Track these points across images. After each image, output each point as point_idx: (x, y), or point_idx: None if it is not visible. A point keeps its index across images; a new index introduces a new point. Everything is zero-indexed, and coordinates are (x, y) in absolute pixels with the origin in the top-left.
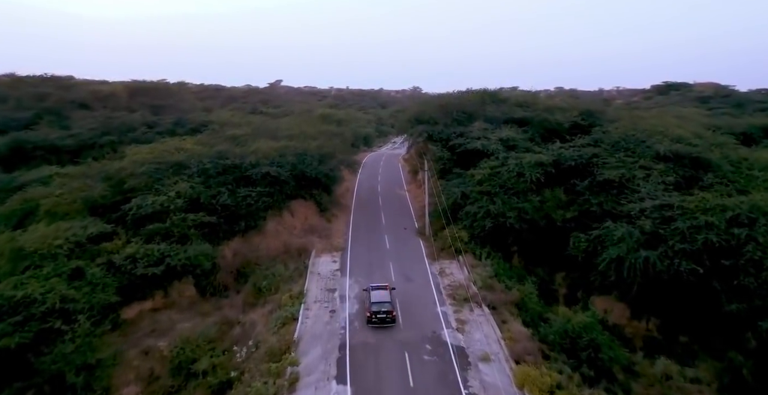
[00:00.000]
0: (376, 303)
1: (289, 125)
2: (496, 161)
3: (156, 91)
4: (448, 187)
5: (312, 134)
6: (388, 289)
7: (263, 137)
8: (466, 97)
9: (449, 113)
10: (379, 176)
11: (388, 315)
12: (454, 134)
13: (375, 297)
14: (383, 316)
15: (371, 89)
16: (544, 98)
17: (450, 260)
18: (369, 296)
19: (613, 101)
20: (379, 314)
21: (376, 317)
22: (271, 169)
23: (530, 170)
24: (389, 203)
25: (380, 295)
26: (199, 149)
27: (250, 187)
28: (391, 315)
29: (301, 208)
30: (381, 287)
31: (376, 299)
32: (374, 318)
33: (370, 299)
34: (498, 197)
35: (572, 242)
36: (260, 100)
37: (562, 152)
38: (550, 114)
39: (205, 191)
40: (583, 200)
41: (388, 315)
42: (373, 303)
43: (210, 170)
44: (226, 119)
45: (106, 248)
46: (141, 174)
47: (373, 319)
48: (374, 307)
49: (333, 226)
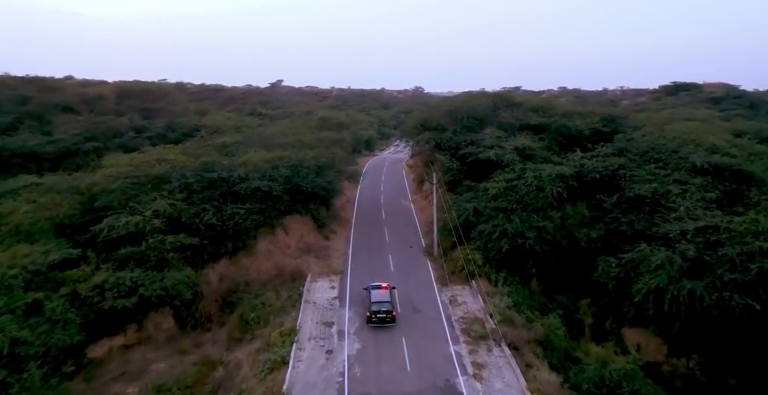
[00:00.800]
0: (376, 303)
1: (284, 132)
2: (511, 174)
3: (147, 93)
4: (459, 202)
5: (309, 141)
6: (388, 288)
7: (255, 146)
8: (477, 101)
9: (458, 119)
10: (382, 184)
11: (388, 314)
12: (465, 142)
13: (375, 296)
14: (383, 316)
15: (373, 89)
16: (561, 102)
17: (462, 285)
18: (369, 295)
19: (619, 101)
20: (379, 313)
21: (376, 316)
22: (262, 183)
23: (550, 183)
24: (393, 216)
25: (380, 295)
26: (183, 160)
27: (239, 203)
28: (390, 314)
29: (296, 224)
30: (381, 287)
31: (376, 299)
32: (374, 318)
33: (371, 298)
34: (515, 215)
35: (601, 268)
36: (259, 101)
37: (584, 163)
38: (569, 120)
39: (187, 208)
40: (610, 218)
41: (388, 314)
42: (373, 303)
43: (194, 185)
44: (219, 122)
45: (72, 277)
46: (115, 190)
47: (373, 318)
48: (374, 307)
49: (331, 244)
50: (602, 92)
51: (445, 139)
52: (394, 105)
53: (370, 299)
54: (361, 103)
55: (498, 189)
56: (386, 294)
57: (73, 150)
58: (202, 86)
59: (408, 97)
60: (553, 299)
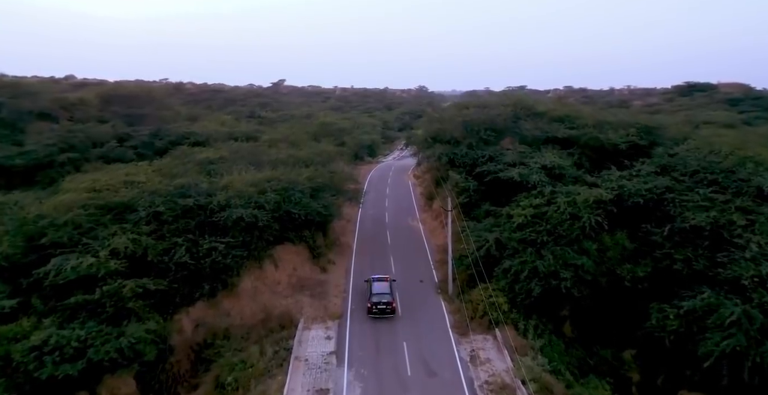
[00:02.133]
0: (376, 295)
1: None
2: (540, 198)
3: (133, 97)
4: (478, 230)
5: (304, 156)
6: (388, 281)
7: (243, 163)
8: (495, 111)
9: (474, 130)
10: (387, 199)
11: (388, 306)
12: (482, 158)
13: (376, 288)
14: (383, 307)
15: (376, 88)
16: (587, 111)
17: (484, 334)
18: (371, 287)
19: (629, 102)
20: (379, 305)
21: (376, 307)
22: (246, 212)
23: (587, 211)
24: (400, 240)
25: (381, 287)
26: (155, 182)
27: (218, 236)
28: (390, 306)
29: (288, 255)
30: (382, 279)
31: (377, 290)
32: (374, 309)
33: (371, 291)
34: (547, 250)
35: (654, 318)
36: (259, 103)
37: (623, 184)
38: (600, 131)
39: (154, 244)
40: (661, 254)
41: (388, 306)
42: (374, 294)
43: (165, 214)
44: (211, 129)
45: (6, 334)
46: (66, 224)
47: (374, 309)
48: (375, 298)
49: (329, 277)
50: (609, 92)
51: (459, 154)
52: (397, 106)
53: (371, 291)
54: (364, 103)
55: (524, 217)
56: (386, 286)
57: (46, 162)
58: (203, 86)
59: (412, 97)
60: (592, 351)
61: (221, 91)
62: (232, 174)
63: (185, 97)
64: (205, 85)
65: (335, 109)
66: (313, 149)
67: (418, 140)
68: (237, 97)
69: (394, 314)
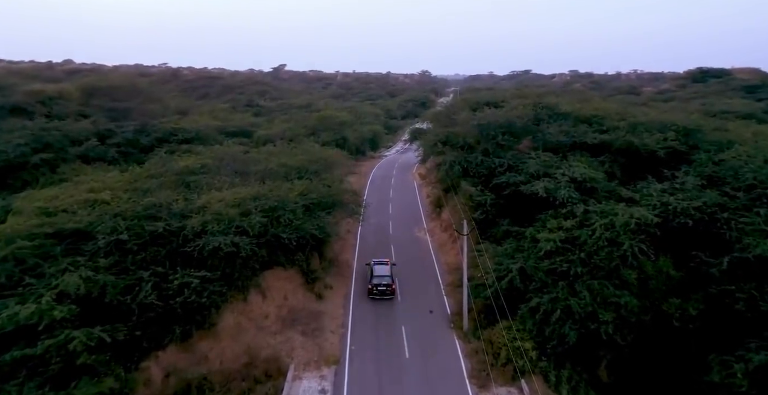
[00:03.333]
0: (377, 277)
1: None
2: (571, 219)
3: (118, 90)
4: (498, 256)
5: (298, 164)
6: (389, 264)
7: (227, 172)
8: (514, 112)
9: (489, 135)
10: (391, 204)
11: (388, 287)
12: (500, 168)
13: (377, 271)
14: (383, 289)
15: (378, 73)
16: (613, 108)
17: (508, 386)
18: (372, 270)
19: (640, 88)
20: (379, 286)
21: (377, 289)
22: (225, 240)
23: (628, 236)
24: (406, 257)
25: (382, 270)
26: (123, 199)
27: (192, 269)
28: (390, 287)
29: (278, 282)
30: (383, 263)
31: (377, 273)
32: (375, 290)
33: (372, 273)
34: (581, 284)
35: (717, 373)
36: (258, 91)
37: (668, 202)
38: (635, 135)
39: (114, 281)
40: (718, 290)
41: (388, 287)
42: (375, 276)
43: (129, 243)
44: (201, 124)
45: None
46: (6, 259)
47: (374, 291)
48: (375, 280)
49: (325, 307)
50: (615, 76)
51: (473, 162)
52: (400, 93)
53: (372, 273)
54: (366, 90)
55: (553, 243)
56: (387, 269)
57: (17, 164)
58: (201, 73)
59: (415, 82)
60: None
61: (219, 78)
62: (213, 191)
63: (182, 84)
64: (205, 70)
65: (336, 97)
66: (309, 156)
67: (427, 144)
68: (235, 84)
69: (393, 295)
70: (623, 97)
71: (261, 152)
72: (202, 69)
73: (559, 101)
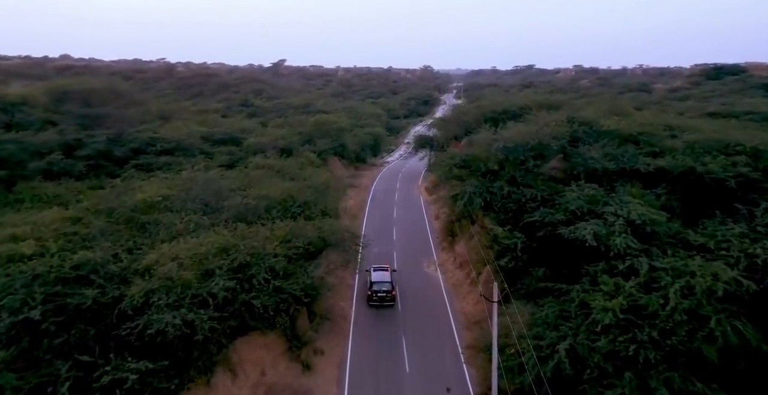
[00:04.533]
0: (377, 283)
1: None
2: (633, 281)
3: (92, 94)
4: (537, 325)
5: (282, 195)
6: (389, 270)
7: (194, 208)
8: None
9: (517, 160)
10: (394, 228)
11: (388, 294)
12: (532, 202)
13: (375, 277)
14: (383, 295)
15: (379, 68)
16: (663, 119)
17: None
18: (370, 276)
19: (651, 85)
20: (379, 293)
21: (376, 295)
22: (174, 320)
23: (714, 309)
24: (413, 301)
25: (381, 276)
26: (47, 253)
27: (131, 357)
28: (390, 294)
29: (254, 352)
30: (382, 269)
31: (376, 279)
32: (374, 297)
33: (371, 279)
34: (657, 378)
35: None
36: (254, 89)
37: (753, 251)
38: (695, 159)
39: (15, 382)
40: None
41: (388, 294)
42: (374, 283)
43: (44, 323)
44: (182, 132)
45: None
46: None
47: (374, 297)
48: (375, 287)
49: (314, 382)
50: (621, 71)
51: (499, 193)
52: (402, 89)
53: (371, 280)
54: (367, 87)
55: (612, 315)
56: (387, 275)
57: None
58: (197, 69)
59: (417, 78)
60: None
61: (215, 75)
62: (170, 240)
63: (176, 81)
64: (204, 65)
65: (336, 95)
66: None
67: (442, 170)
68: (231, 82)
69: (393, 302)
70: (635, 96)
71: (240, 176)
72: (201, 64)
73: (595, 113)
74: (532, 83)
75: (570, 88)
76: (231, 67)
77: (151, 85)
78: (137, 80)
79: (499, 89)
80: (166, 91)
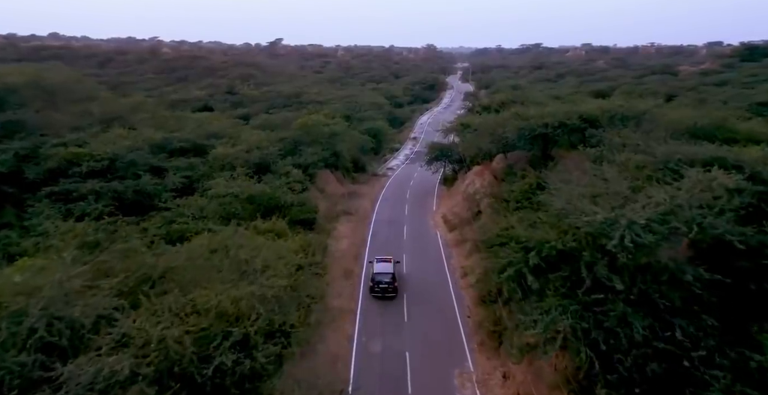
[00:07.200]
0: (378, 274)
1: (176, 254)
2: None
3: (16, 90)
4: None
5: (232, 301)
6: (391, 262)
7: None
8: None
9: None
10: (405, 296)
11: (390, 285)
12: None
13: (378, 268)
14: (385, 286)
15: (380, 47)
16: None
17: None
18: (373, 267)
19: (675, 67)
20: (381, 284)
21: (378, 287)
22: None
23: None
24: None
25: (383, 267)
26: None
27: None
28: (393, 285)
29: None
30: (385, 260)
31: (378, 270)
32: (377, 288)
33: (373, 270)
34: None
35: None
36: (242, 74)
37: None
38: None
39: None
40: None
41: (390, 285)
42: (376, 274)
43: None
44: (124, 144)
45: None
46: None
47: (376, 289)
48: (377, 277)
49: None
50: (633, 50)
51: (622, 335)
52: (405, 72)
53: (373, 271)
54: (368, 70)
55: None
56: (389, 267)
57: None
58: (187, 50)
59: (419, 58)
60: None
61: (202, 58)
62: None
63: (160, 64)
64: (199, 43)
65: (333, 81)
66: (246, 288)
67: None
68: (219, 66)
69: (396, 294)
70: (660, 79)
71: (173, 251)
72: (196, 43)
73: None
74: (543, 64)
75: (585, 71)
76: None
77: (133, 69)
78: (118, 63)
79: (509, 71)
80: (147, 76)
